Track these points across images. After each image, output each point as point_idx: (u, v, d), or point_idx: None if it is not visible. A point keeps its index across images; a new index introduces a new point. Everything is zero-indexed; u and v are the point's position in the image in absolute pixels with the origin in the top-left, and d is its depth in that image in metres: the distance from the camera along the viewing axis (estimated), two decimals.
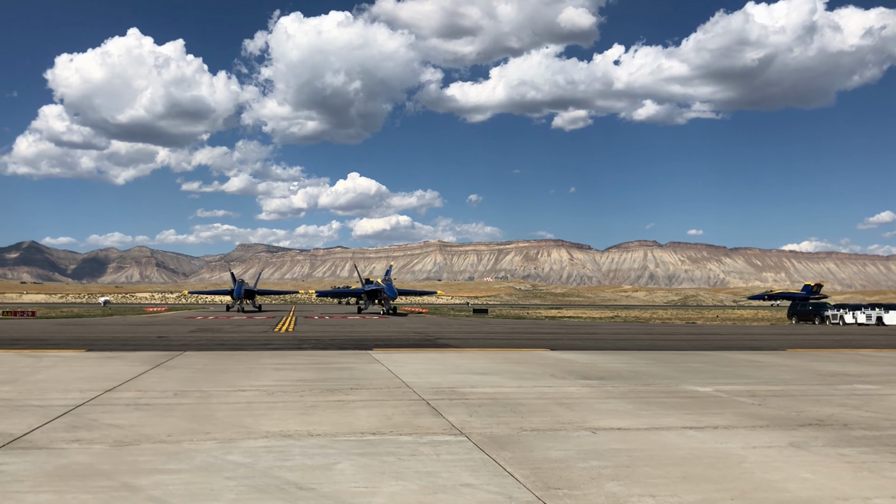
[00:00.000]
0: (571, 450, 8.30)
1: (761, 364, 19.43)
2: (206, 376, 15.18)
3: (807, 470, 7.49)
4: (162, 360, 18.35)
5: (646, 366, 18.34)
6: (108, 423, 9.63)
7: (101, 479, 6.87)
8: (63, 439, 8.62)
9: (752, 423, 10.08)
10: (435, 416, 10.50)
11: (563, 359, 20.25)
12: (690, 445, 8.62)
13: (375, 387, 13.60)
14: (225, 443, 8.50)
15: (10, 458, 7.66)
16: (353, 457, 7.86)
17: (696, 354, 22.78)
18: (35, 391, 12.67)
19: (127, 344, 25.72)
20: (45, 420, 9.81)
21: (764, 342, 30.91)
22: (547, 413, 10.80)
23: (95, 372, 15.87)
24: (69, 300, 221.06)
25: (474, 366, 18.12)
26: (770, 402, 12.08)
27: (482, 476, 7.15)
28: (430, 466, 7.50)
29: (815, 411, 11.21)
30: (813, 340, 33.38)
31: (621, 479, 7.07)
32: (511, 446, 8.45)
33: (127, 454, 7.89)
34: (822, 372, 17.49)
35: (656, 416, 10.68)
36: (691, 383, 14.65)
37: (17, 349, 22.35)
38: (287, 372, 16.16)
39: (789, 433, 9.41)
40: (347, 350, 23.02)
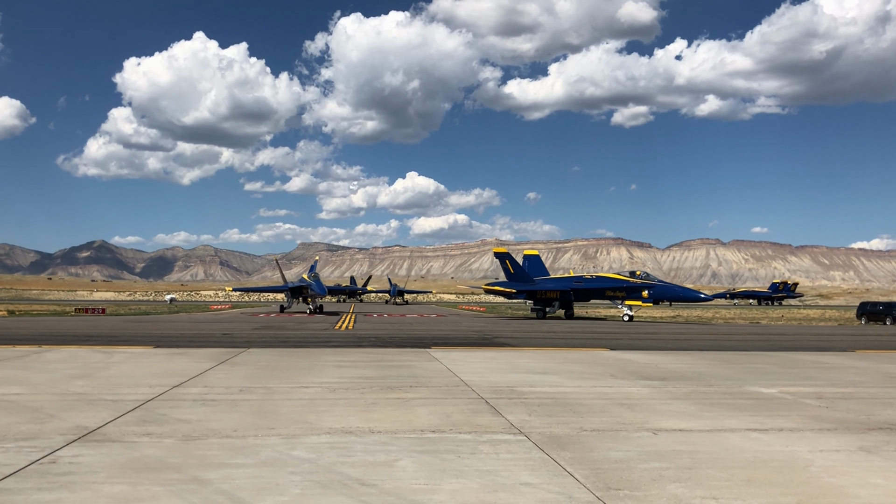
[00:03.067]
0: (632, 450, 8.23)
1: (828, 365, 18.90)
2: (269, 373, 15.50)
3: (878, 475, 7.29)
4: (227, 357, 18.79)
5: (708, 366, 18.03)
6: (176, 418, 9.93)
7: (172, 472, 7.11)
8: (134, 433, 8.93)
9: (819, 426, 9.84)
10: (494, 414, 10.53)
11: (622, 359, 20.04)
12: (755, 448, 8.46)
13: (434, 385, 13.70)
14: (289, 438, 8.68)
15: (86, 450, 7.97)
16: (413, 454, 7.95)
17: (760, 355, 22.28)
18: (107, 386, 13.14)
19: (193, 341, 26.39)
20: (117, 414, 10.18)
21: (831, 343, 30.02)
22: (607, 413, 10.72)
23: (163, 368, 16.35)
24: (137, 298, 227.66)
25: (533, 365, 18.08)
26: (838, 405, 11.76)
27: (542, 475, 7.16)
28: (490, 465, 7.54)
29: (886, 415, 10.88)
30: (884, 341, 32.27)
31: (683, 480, 7.00)
32: (571, 446, 8.43)
33: (195, 448, 8.14)
34: (894, 374, 16.93)
35: (719, 417, 10.51)
36: (755, 385, 14.35)
37: (89, 345, 23.15)
38: (348, 369, 16.38)
39: (859, 437, 9.15)
40: (406, 348, 23.20)
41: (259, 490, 6.56)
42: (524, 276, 63.15)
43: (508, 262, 63.44)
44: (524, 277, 63.07)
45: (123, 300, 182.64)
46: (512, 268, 63.14)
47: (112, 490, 6.54)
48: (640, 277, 56.78)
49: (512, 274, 63.28)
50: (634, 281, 56.37)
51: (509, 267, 63.41)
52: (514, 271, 63.01)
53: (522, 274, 63.24)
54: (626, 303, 55.68)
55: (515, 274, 63.10)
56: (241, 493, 6.47)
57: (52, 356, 18.94)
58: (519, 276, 63.08)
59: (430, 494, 6.50)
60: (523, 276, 63.24)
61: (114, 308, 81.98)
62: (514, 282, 62.84)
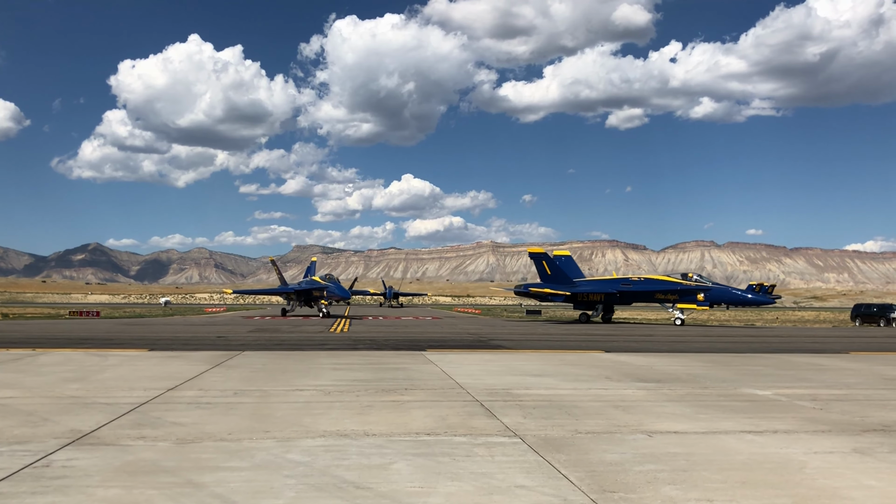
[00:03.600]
0: (627, 453, 8.24)
1: (823, 367, 18.95)
2: (264, 376, 15.47)
3: (872, 477, 7.30)
4: (222, 360, 18.76)
5: (703, 369, 18.06)
6: (171, 421, 9.91)
7: (167, 476, 7.09)
8: (129, 436, 8.90)
9: (813, 428, 9.86)
10: (489, 417, 10.53)
11: (618, 361, 20.06)
12: (750, 450, 8.47)
13: (430, 387, 13.69)
14: (284, 441, 8.67)
15: (81, 454, 7.95)
16: (408, 457, 7.95)
17: (755, 357, 22.32)
18: (102, 389, 13.10)
19: (188, 343, 26.34)
20: (111, 417, 10.15)
21: (826, 345, 30.11)
22: (602, 416, 10.73)
23: (158, 371, 16.31)
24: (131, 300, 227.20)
25: (528, 367, 18.08)
26: (833, 407, 11.79)
27: (537, 478, 7.16)
28: (485, 468, 7.53)
29: (880, 416, 10.91)
30: (879, 343, 32.38)
31: (678, 483, 7.00)
32: (566, 449, 8.43)
33: (190, 451, 8.12)
34: (888, 376, 16.97)
35: (714, 419, 10.53)
36: (750, 387, 14.37)
37: (84, 348, 23.09)
38: (343, 372, 16.37)
39: (853, 439, 9.17)
40: (402, 350, 23.18)
41: (254, 493, 6.55)
42: (563, 278, 59.71)
43: (545, 262, 60.63)
44: (563, 279, 59.64)
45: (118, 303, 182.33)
46: (549, 269, 60.07)
47: (106, 494, 6.51)
48: (693, 279, 54.62)
49: (549, 275, 60.11)
50: (688, 283, 54.09)
51: (546, 268, 60.28)
52: (552, 272, 59.98)
53: (561, 275, 59.86)
54: (679, 306, 53.54)
55: (553, 275, 59.93)
56: (236, 497, 6.45)
57: (46, 359, 18.89)
58: (557, 277, 59.79)
59: (425, 497, 6.50)
60: (562, 277, 59.79)
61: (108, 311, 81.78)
62: (552, 283, 59.53)
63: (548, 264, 60.51)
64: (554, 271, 60.12)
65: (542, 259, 61.11)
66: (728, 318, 71.78)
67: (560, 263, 61.45)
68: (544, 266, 60.63)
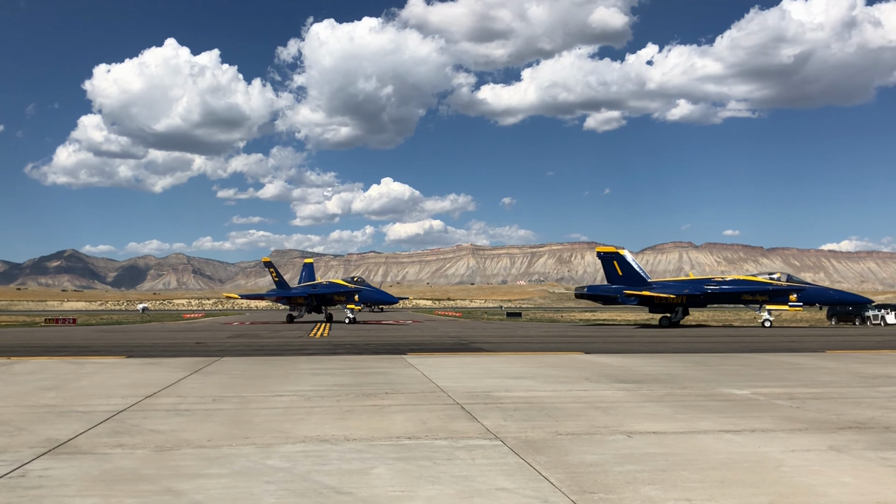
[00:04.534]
0: (607, 454, 8.28)
1: (800, 366, 19.15)
2: (244, 381, 15.38)
3: (847, 474, 7.39)
4: (200, 366, 18.62)
5: (682, 369, 18.19)
6: (149, 429, 9.82)
7: (145, 484, 7.03)
8: (107, 444, 8.81)
9: (790, 427, 9.96)
10: (470, 420, 10.54)
11: (598, 362, 20.15)
12: (728, 449, 8.55)
13: (410, 391, 13.68)
14: (264, 448, 8.62)
15: (57, 463, 7.86)
16: (389, 461, 7.93)
17: (733, 357, 22.51)
18: (78, 397, 12.96)
19: (166, 350, 26.13)
20: (88, 425, 10.04)
21: (802, 344, 30.42)
22: (582, 417, 10.77)
23: (136, 378, 16.16)
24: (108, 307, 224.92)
25: (509, 370, 18.11)
26: (809, 405, 11.92)
27: (518, 480, 7.17)
28: (466, 471, 7.54)
29: (855, 414, 11.04)
30: (854, 342, 32.76)
31: (658, 483, 7.05)
32: (546, 450, 8.46)
33: (169, 459, 8.06)
34: (863, 374, 17.18)
35: (693, 419, 10.60)
36: (728, 386, 14.49)
37: (60, 356, 22.83)
38: (323, 377, 16.31)
39: (829, 436, 9.28)
40: (382, 355, 23.14)
41: (234, 500, 6.51)
42: (636, 279, 56.72)
43: (617, 262, 57.43)
44: (636, 280, 56.63)
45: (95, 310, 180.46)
46: (621, 269, 56.86)
47: (84, 503, 6.45)
48: (781, 279, 52.81)
49: (620, 276, 56.81)
50: (780, 283, 52.57)
51: (617, 268, 57.01)
52: (623, 273, 56.89)
53: (634, 276, 56.84)
54: (768, 307, 52.20)
55: (625, 276, 56.76)
56: None
57: (21, 368, 18.65)
58: (631, 278, 56.63)
59: (406, 501, 6.49)
60: (635, 278, 56.68)
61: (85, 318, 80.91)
62: (623, 284, 56.08)
63: (620, 264, 57.24)
64: (626, 272, 57.09)
65: (613, 259, 57.77)
66: (706, 318, 72.31)
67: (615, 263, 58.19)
68: (615, 266, 57.22)
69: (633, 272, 57.24)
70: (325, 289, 62.48)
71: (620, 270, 57.32)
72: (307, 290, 63.90)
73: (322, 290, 62.07)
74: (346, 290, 58.85)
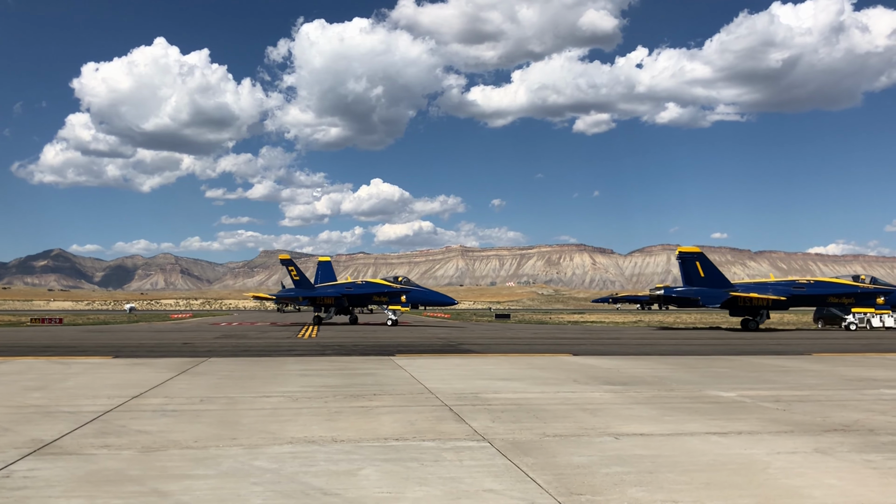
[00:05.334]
0: (594, 455, 8.31)
1: (786, 369, 19.26)
2: (231, 382, 15.34)
3: (832, 476, 7.45)
4: (188, 367, 18.56)
5: (669, 371, 18.26)
6: (136, 429, 9.78)
7: (131, 485, 7.00)
8: (93, 445, 8.77)
9: (776, 429, 10.03)
10: (458, 421, 10.55)
11: (586, 364, 20.21)
12: (714, 451, 8.59)
13: (399, 393, 13.68)
14: (251, 449, 8.60)
15: (42, 464, 7.81)
16: (377, 462, 7.93)
17: (720, 359, 22.62)
18: (65, 398, 12.89)
19: (153, 350, 26.02)
20: (74, 426, 9.99)
21: (789, 346, 30.60)
22: (570, 419, 10.81)
23: (123, 378, 16.09)
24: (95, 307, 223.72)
25: (497, 371, 18.14)
26: (795, 408, 12.00)
27: (505, 482, 7.19)
28: (454, 472, 7.55)
29: (841, 416, 11.12)
30: (840, 344, 32.98)
31: (644, 484, 7.08)
32: (534, 452, 8.48)
33: (155, 460, 8.03)
34: (848, 377, 17.31)
35: (680, 421, 10.66)
36: (715, 388, 14.57)
37: (46, 356, 22.69)
38: (311, 378, 16.28)
39: (815, 439, 9.34)
40: (370, 356, 23.12)
41: (221, 501, 6.49)
42: (718, 280, 54.23)
43: (699, 263, 54.38)
44: (718, 281, 54.15)
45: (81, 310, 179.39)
46: (703, 270, 53.98)
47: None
48: (866, 281, 51.76)
49: (702, 278, 54.06)
50: (867, 286, 51.68)
51: (699, 269, 54.04)
52: (706, 274, 54.12)
53: (716, 277, 54.32)
54: (855, 310, 51.76)
55: (707, 277, 54.14)
56: None
57: (6, 368, 18.53)
58: (712, 279, 54.07)
59: (393, 503, 6.49)
60: (717, 279, 54.18)
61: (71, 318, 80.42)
62: (705, 286, 53.62)
63: (702, 265, 54.22)
64: (708, 273, 54.26)
65: (696, 259, 54.62)
66: (694, 321, 72.61)
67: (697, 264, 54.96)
68: (697, 267, 54.12)
69: (716, 273, 54.76)
70: (363, 288, 58.92)
71: (703, 271, 54.48)
72: (339, 290, 60.05)
73: (360, 290, 58.61)
74: (390, 290, 55.62)
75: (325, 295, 59.65)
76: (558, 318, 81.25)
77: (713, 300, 52.47)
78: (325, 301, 59.42)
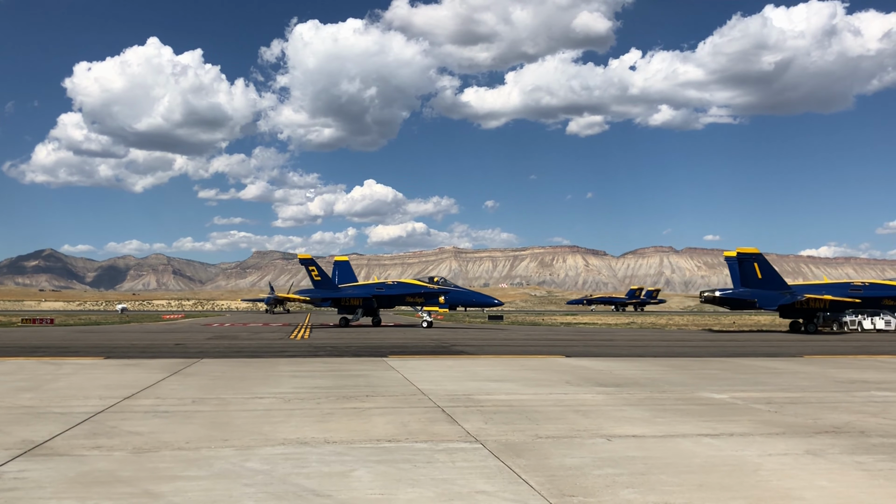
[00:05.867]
0: (587, 457, 8.32)
1: (778, 371, 19.33)
2: (223, 383, 15.30)
3: (823, 478, 7.48)
4: (180, 368, 18.51)
5: (662, 373, 18.30)
6: (127, 431, 9.75)
7: (123, 486, 6.98)
8: (84, 446, 8.74)
9: (768, 431, 10.06)
10: (450, 423, 10.55)
11: (578, 366, 20.23)
12: (706, 453, 8.62)
13: (391, 394, 13.67)
14: (243, 450, 8.59)
15: (33, 465, 7.78)
16: (369, 464, 7.93)
17: (712, 361, 22.68)
18: (56, 398, 12.84)
19: (145, 351, 25.94)
20: (65, 427, 9.95)
21: (781, 348, 30.72)
22: (562, 420, 10.82)
23: (114, 379, 16.03)
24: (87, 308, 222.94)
25: (490, 373, 18.15)
26: (787, 410, 12.04)
27: (497, 483, 7.19)
28: (446, 473, 7.55)
29: (832, 418, 11.17)
30: (831, 347, 33.12)
31: (636, 486, 7.10)
32: (526, 453, 8.49)
33: (147, 461, 8.00)
34: (839, 379, 17.38)
35: (672, 423, 10.68)
36: (707, 390, 14.61)
37: (37, 357, 22.61)
38: (304, 379, 16.26)
39: (806, 441, 9.38)
40: (363, 357, 23.11)
41: (213, 503, 6.48)
42: (776, 281, 52.62)
43: (757, 264, 52.71)
44: (776, 282, 52.50)
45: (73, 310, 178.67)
46: (761, 271, 52.45)
47: None
48: None
49: (759, 279, 52.47)
50: None
51: (757, 271, 52.57)
52: (763, 275, 52.53)
53: (774, 278, 52.75)
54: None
55: (764, 278, 52.60)
56: None
57: None
58: (770, 280, 52.53)
59: None
60: (775, 281, 52.61)
61: (63, 318, 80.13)
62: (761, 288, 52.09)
63: (760, 266, 52.69)
64: (766, 274, 52.70)
65: (754, 261, 53.03)
66: (686, 323, 72.81)
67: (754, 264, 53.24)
68: (755, 269, 52.59)
69: (774, 274, 53.24)
70: (395, 289, 55.97)
71: (760, 273, 52.86)
72: (368, 290, 57.14)
73: (393, 291, 55.79)
74: (427, 290, 52.93)
75: (352, 296, 56.97)
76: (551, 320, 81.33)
77: (770, 303, 51.70)
78: (351, 302, 56.73)
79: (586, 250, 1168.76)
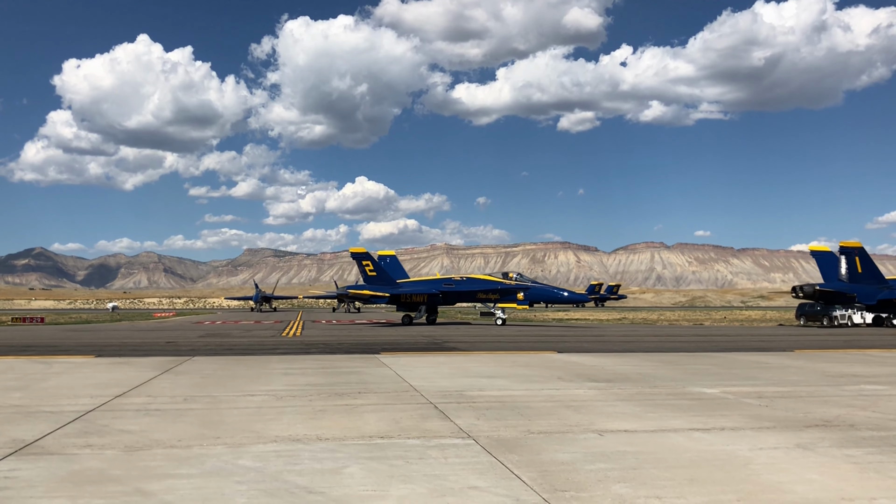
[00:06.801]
0: (578, 452, 8.34)
1: (769, 365, 19.42)
2: (215, 381, 15.27)
3: (813, 471, 7.52)
4: (171, 366, 18.46)
5: (653, 368, 18.36)
6: (118, 429, 9.72)
7: (114, 485, 6.95)
8: (75, 445, 8.71)
9: (758, 425, 10.11)
10: (443, 419, 10.56)
11: (570, 361, 20.28)
12: (697, 447, 8.65)
13: (383, 391, 13.67)
14: (235, 447, 8.57)
15: (23, 464, 7.75)
16: (361, 460, 7.93)
17: (703, 356, 22.77)
18: (46, 397, 12.79)
19: (136, 350, 25.86)
20: (56, 426, 9.91)
21: (771, 343, 30.86)
22: (554, 416, 10.84)
23: (105, 378, 15.98)
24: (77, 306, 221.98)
25: (482, 369, 18.17)
26: (777, 404, 12.10)
27: (490, 479, 7.20)
28: (438, 469, 7.56)
29: (822, 412, 11.23)
30: (821, 341, 33.29)
31: (628, 480, 7.12)
32: (518, 449, 8.50)
33: (138, 459, 7.98)
34: (829, 373, 17.48)
35: (663, 418, 10.72)
36: (698, 385, 14.66)
37: (27, 356, 22.50)
38: (296, 377, 16.24)
39: (796, 434, 9.43)
40: (355, 354, 23.09)
41: (204, 501, 6.46)
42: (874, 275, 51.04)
43: (858, 258, 51.24)
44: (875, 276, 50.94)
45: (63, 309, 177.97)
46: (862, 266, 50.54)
47: None
48: None
49: (860, 273, 51.08)
50: None
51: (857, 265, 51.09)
52: (864, 269, 50.75)
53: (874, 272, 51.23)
54: None
55: (864, 273, 51.21)
56: None
57: None
58: (869, 274, 51.02)
59: (377, 501, 6.49)
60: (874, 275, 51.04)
61: (53, 317, 79.78)
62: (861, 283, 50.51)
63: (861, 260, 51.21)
64: (866, 268, 51.34)
65: (855, 255, 51.60)
66: (677, 318, 73.05)
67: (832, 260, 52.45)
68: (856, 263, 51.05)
69: (874, 269, 51.53)
70: (465, 285, 52.48)
71: (861, 267, 51.35)
72: (436, 286, 53.25)
73: (463, 287, 52.23)
74: (504, 287, 49.48)
75: (415, 292, 53.47)
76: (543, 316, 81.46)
77: (869, 297, 50.90)
78: (413, 299, 53.16)
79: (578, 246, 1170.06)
